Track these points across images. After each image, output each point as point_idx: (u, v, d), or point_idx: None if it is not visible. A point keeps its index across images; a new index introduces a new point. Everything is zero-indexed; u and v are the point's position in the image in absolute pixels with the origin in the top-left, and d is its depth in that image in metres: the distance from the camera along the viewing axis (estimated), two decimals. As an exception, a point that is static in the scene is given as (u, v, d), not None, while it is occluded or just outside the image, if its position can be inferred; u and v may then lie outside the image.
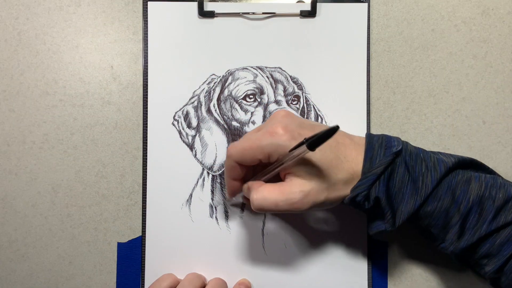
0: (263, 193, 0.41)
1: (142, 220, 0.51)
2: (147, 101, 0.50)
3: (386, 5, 0.52)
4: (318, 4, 0.51)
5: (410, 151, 0.42)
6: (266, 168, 0.43)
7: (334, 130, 0.36)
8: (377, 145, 0.42)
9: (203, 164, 0.51)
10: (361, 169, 0.41)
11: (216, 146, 0.51)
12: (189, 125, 0.51)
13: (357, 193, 0.41)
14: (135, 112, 0.51)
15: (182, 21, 0.51)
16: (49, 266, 0.50)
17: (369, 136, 0.43)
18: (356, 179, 0.42)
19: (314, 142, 0.37)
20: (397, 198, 0.41)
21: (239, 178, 0.44)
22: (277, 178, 0.43)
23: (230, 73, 0.51)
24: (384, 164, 0.41)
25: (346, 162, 0.41)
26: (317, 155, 0.40)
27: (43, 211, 0.51)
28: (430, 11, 0.52)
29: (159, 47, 0.51)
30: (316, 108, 0.51)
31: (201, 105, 0.51)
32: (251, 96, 0.51)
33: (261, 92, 0.51)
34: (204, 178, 0.51)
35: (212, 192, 0.51)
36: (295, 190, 0.40)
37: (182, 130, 0.51)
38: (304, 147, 0.37)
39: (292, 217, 0.51)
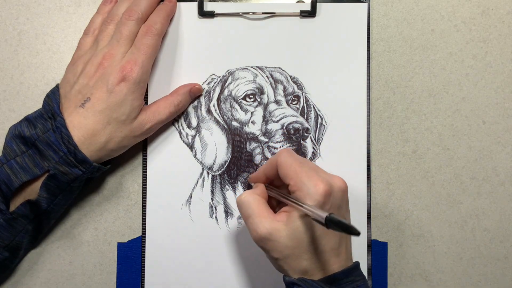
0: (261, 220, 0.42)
1: (142, 220, 0.51)
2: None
3: (386, 5, 0.52)
4: (318, 4, 0.51)
5: None
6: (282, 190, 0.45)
7: (355, 233, 0.36)
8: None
9: (203, 164, 0.51)
10: (331, 273, 0.41)
11: (216, 146, 0.51)
12: (189, 125, 0.51)
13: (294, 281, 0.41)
14: (135, 112, 0.51)
15: (182, 21, 0.51)
16: (49, 266, 0.50)
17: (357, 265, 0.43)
18: (312, 273, 0.41)
19: (333, 224, 0.37)
20: None
21: (266, 179, 0.46)
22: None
23: (230, 73, 0.51)
24: None
25: (334, 257, 0.42)
26: (322, 231, 0.41)
27: (43, 211, 0.51)
28: (430, 11, 0.52)
29: (159, 47, 0.51)
30: (316, 108, 0.51)
31: (201, 105, 0.51)
32: (251, 96, 0.51)
33: (261, 92, 0.51)
34: (204, 178, 0.51)
35: (212, 192, 0.51)
36: (283, 234, 0.41)
37: (182, 130, 0.51)
38: (321, 217, 0.37)
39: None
